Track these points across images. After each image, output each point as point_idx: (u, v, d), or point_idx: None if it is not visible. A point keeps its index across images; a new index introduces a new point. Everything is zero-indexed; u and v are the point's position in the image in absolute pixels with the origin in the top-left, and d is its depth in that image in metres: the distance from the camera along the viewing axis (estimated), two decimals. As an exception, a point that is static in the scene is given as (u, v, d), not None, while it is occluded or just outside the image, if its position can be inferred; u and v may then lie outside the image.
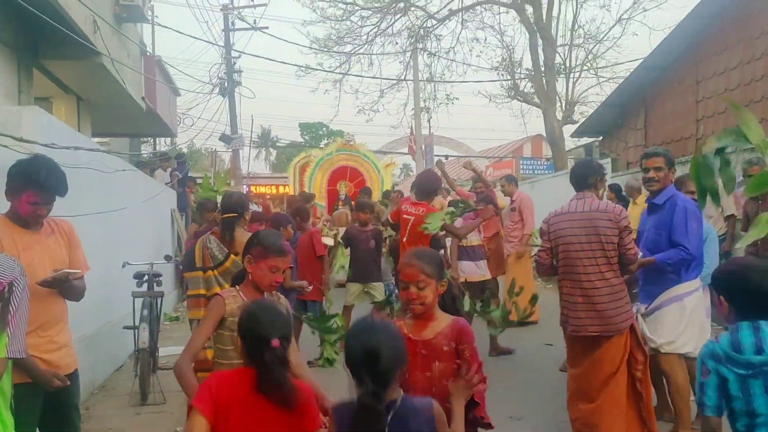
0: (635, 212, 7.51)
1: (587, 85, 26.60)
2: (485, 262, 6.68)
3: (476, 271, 6.51)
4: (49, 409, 2.86)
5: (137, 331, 5.25)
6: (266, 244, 2.63)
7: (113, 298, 5.97)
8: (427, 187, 5.66)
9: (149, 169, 10.94)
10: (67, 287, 2.91)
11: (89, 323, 5.33)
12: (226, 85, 18.49)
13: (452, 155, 26.56)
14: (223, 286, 3.74)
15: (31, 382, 2.68)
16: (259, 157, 45.58)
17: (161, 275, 5.83)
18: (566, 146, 17.26)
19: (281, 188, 23.66)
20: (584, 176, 3.88)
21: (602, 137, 13.34)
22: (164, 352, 6.02)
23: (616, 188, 9.00)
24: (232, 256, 3.82)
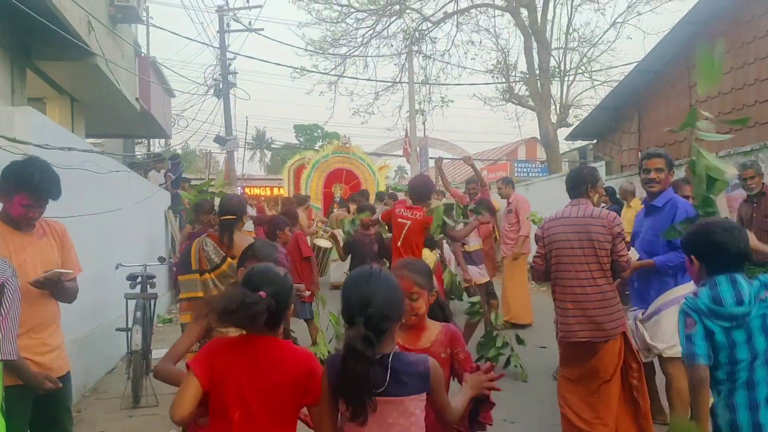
0: (629, 215, 7.54)
1: (582, 88, 26.68)
2: (484, 265, 6.78)
3: (479, 274, 6.58)
4: (40, 411, 2.84)
5: (130, 333, 5.23)
6: (261, 256, 2.68)
7: (106, 300, 5.93)
8: (421, 190, 5.66)
9: (143, 170, 10.89)
10: (59, 288, 2.89)
11: (81, 325, 5.31)
12: (220, 86, 18.45)
13: (447, 158, 26.59)
14: (220, 289, 3.72)
15: (22, 384, 2.66)
16: (253, 158, 45.58)
17: (155, 277, 5.81)
18: (560, 149, 17.32)
19: (276, 190, 23.64)
20: (578, 183, 3.90)
21: (596, 140, 13.39)
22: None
23: (610, 191, 9.02)
24: (228, 259, 3.77)
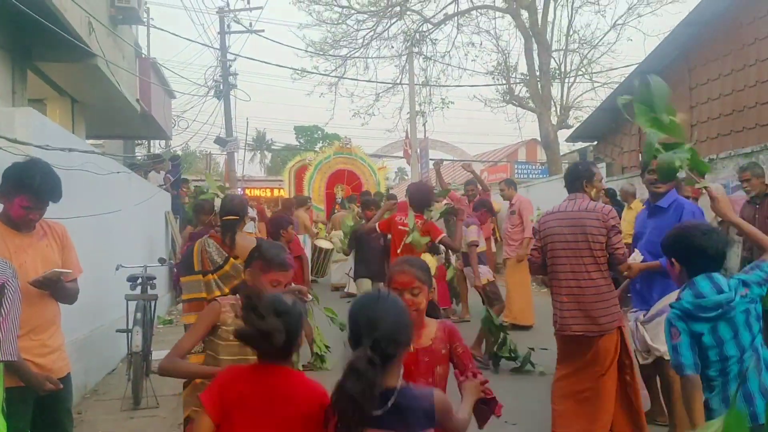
0: (630, 216, 7.55)
1: (582, 89, 26.77)
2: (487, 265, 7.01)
3: (488, 272, 6.82)
4: (41, 413, 2.83)
5: (130, 334, 5.22)
6: (268, 257, 2.56)
7: (106, 301, 5.93)
8: (420, 198, 5.69)
9: (143, 171, 10.89)
10: (59, 289, 2.88)
11: (82, 326, 5.30)
12: (221, 87, 18.47)
13: (447, 159, 26.61)
14: (222, 289, 3.71)
15: (23, 385, 2.65)
16: (254, 160, 45.62)
17: (155, 278, 5.80)
18: (561, 151, 17.34)
19: (276, 191, 23.64)
20: (574, 178, 3.96)
21: (597, 142, 13.38)
22: (157, 355, 5.96)
23: (611, 193, 9.04)
24: (231, 259, 3.77)
